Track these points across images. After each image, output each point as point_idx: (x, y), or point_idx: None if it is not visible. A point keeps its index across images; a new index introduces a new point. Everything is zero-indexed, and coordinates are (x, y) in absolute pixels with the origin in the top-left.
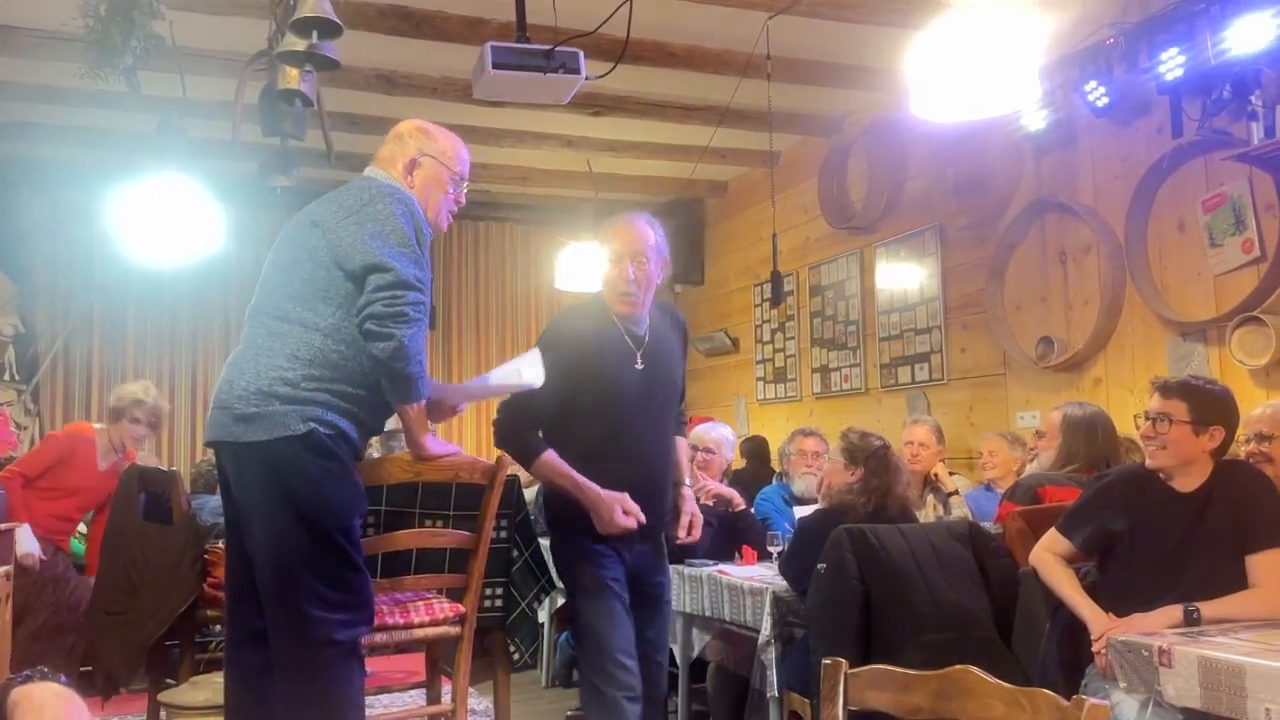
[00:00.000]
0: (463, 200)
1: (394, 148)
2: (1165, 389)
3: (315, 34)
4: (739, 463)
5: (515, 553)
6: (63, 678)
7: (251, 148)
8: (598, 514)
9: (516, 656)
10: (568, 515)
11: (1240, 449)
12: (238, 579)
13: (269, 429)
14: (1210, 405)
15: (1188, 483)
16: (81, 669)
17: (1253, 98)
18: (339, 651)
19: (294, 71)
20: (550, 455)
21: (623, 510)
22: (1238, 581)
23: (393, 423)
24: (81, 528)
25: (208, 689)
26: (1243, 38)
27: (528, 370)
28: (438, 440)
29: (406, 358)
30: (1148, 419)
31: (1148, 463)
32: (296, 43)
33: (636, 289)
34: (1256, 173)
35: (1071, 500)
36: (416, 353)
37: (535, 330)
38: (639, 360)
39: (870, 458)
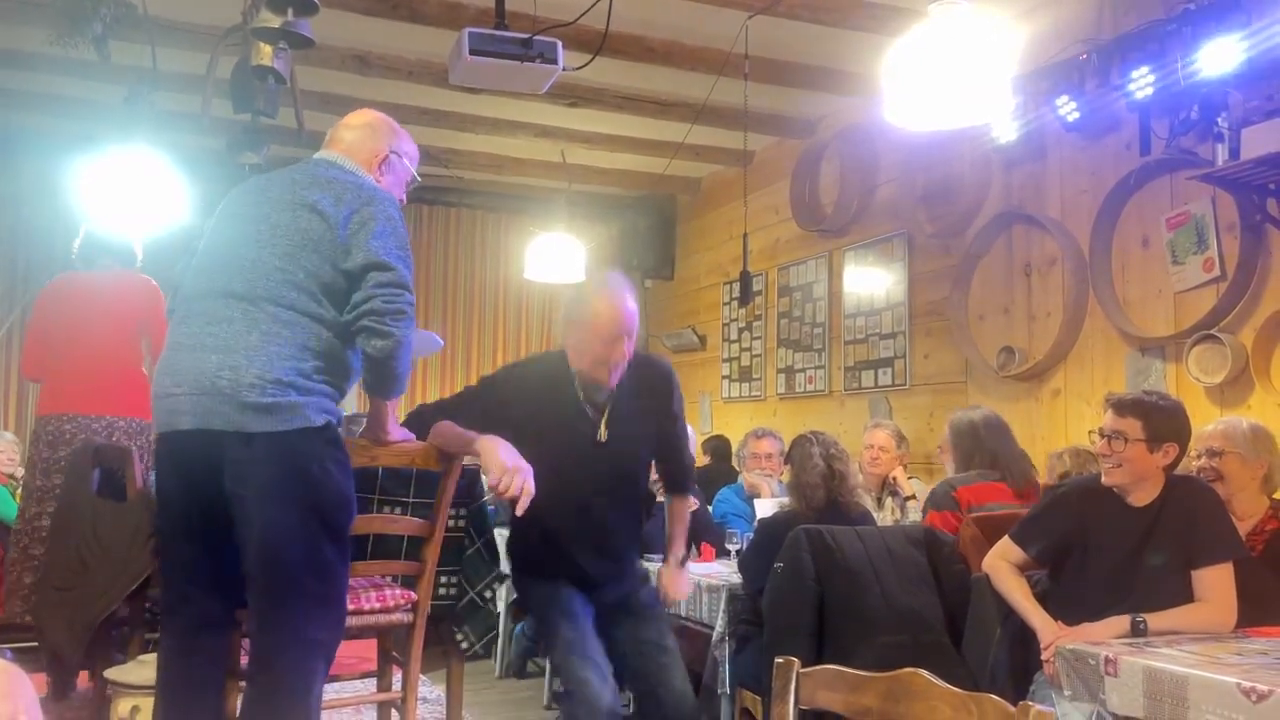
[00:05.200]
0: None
1: (363, 136)
2: (1119, 406)
3: (291, 11)
4: (701, 460)
5: (468, 540)
6: (8, 652)
7: (221, 123)
8: (489, 465)
9: (465, 645)
10: (527, 559)
11: (1192, 464)
12: (197, 568)
13: (287, 420)
14: (1164, 422)
15: (1141, 497)
16: (26, 645)
17: (1219, 119)
18: (321, 648)
19: (268, 48)
20: (445, 423)
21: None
22: (1184, 595)
23: (353, 406)
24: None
25: (155, 667)
26: (1212, 60)
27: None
28: (398, 426)
29: (400, 356)
30: (1103, 436)
31: (1104, 480)
32: (272, 19)
33: (624, 365)
34: (1220, 193)
35: (992, 496)
36: (409, 351)
37: (502, 319)
38: (601, 432)
39: (791, 449)
